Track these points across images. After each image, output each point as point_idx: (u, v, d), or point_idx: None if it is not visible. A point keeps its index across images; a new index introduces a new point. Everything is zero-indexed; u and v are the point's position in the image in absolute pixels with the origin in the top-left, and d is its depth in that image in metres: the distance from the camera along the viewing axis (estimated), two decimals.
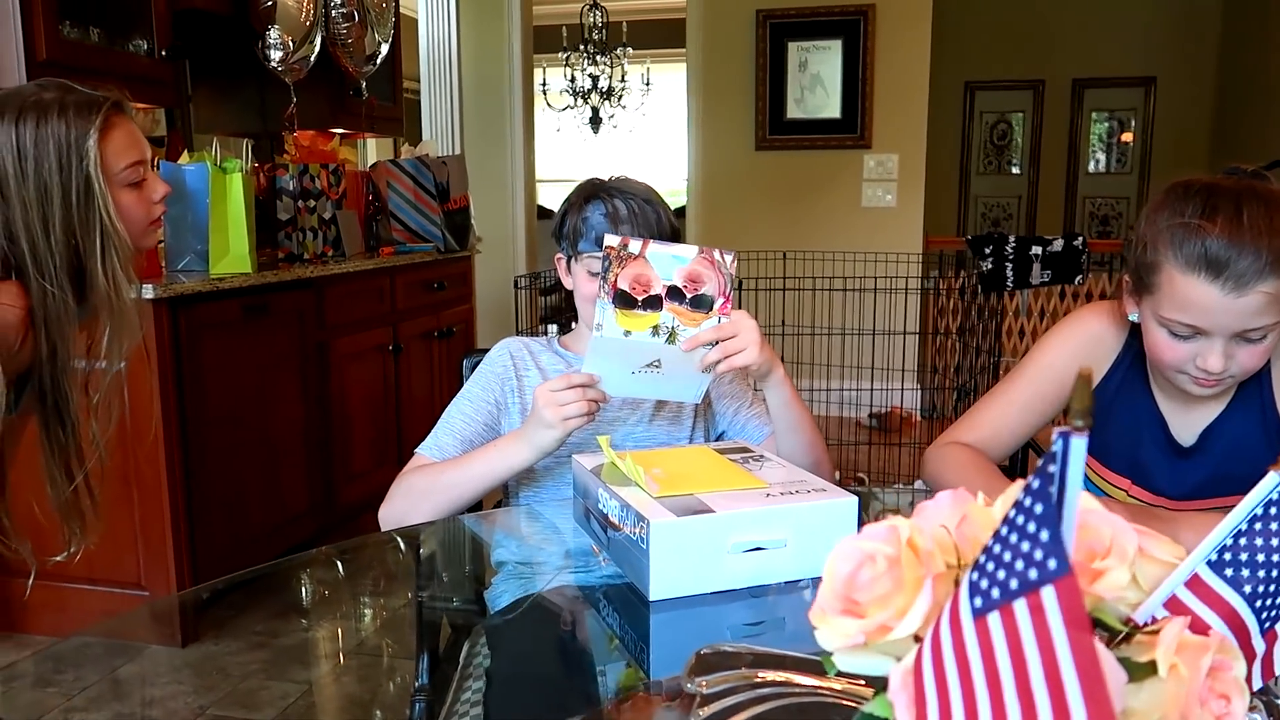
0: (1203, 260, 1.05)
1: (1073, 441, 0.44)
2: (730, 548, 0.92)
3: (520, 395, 1.41)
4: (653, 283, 1.17)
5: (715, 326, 1.18)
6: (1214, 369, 1.08)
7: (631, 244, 1.16)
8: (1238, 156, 3.96)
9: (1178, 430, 1.24)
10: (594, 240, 1.32)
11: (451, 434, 1.37)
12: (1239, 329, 1.07)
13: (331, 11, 3.08)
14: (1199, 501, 1.24)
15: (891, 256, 4.13)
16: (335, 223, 3.19)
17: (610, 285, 1.16)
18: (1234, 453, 1.21)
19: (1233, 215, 1.05)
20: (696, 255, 1.17)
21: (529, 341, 1.48)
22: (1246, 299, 1.04)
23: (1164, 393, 1.25)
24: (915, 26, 4.56)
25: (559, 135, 7.87)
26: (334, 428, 2.98)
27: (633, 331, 1.16)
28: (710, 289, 1.18)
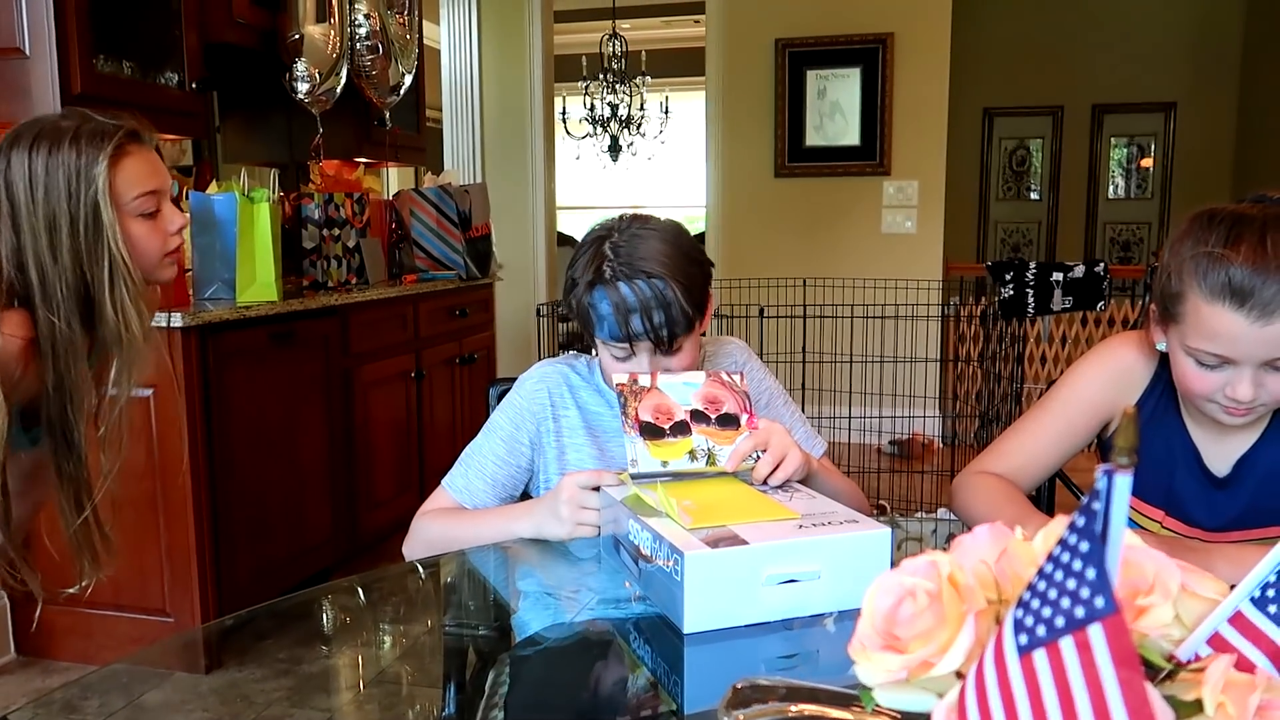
0: (1227, 289, 1.04)
1: (1117, 479, 0.44)
2: (764, 580, 0.92)
3: (558, 439, 1.36)
4: (674, 410, 1.16)
5: (749, 436, 1.16)
6: (1243, 398, 1.07)
7: (640, 379, 1.18)
8: (1261, 182, 3.95)
9: (1211, 460, 1.23)
10: (607, 331, 1.25)
11: (482, 476, 1.35)
12: (1267, 358, 1.06)
13: (357, 44, 3.14)
14: (1235, 533, 1.23)
15: (911, 283, 4.12)
16: (359, 251, 3.22)
17: (633, 419, 1.15)
18: (1270, 483, 1.19)
19: (1257, 243, 1.04)
20: (705, 380, 1.19)
21: (569, 372, 1.40)
22: (1273, 327, 1.03)
23: (1196, 422, 1.24)
24: (934, 54, 4.59)
25: (578, 163, 7.93)
26: (357, 455, 3.00)
27: (669, 461, 1.15)
28: (730, 407, 1.18)
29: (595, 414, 1.38)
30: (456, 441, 1.45)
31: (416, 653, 1.10)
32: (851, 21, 4.63)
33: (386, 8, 3.28)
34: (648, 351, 1.26)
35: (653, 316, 1.21)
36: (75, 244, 1.28)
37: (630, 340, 1.24)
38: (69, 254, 1.28)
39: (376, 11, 3.17)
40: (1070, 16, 6.59)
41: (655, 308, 1.21)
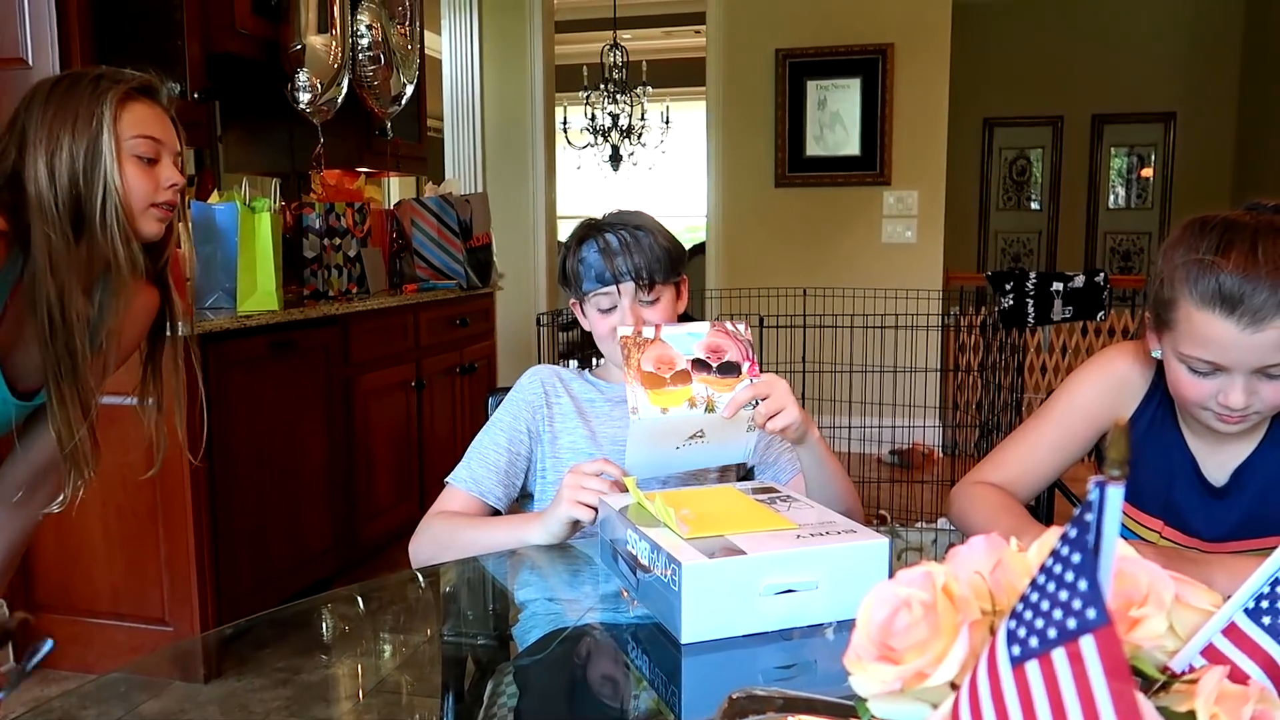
0: (1217, 296, 1.04)
1: (1109, 490, 0.45)
2: (762, 590, 0.92)
3: (551, 424, 1.42)
4: (676, 360, 1.19)
5: (749, 386, 1.20)
6: (1235, 405, 1.08)
7: (645, 330, 1.20)
8: (1261, 190, 3.94)
9: (1209, 469, 1.23)
10: (594, 278, 1.36)
11: (485, 464, 1.39)
12: (1258, 365, 1.06)
13: (359, 55, 3.15)
14: (1234, 543, 1.23)
15: (912, 293, 4.13)
16: (360, 260, 3.23)
17: (636, 369, 1.18)
18: (1268, 492, 1.19)
19: (1248, 250, 1.04)
20: (710, 329, 1.21)
21: (559, 369, 1.50)
22: (1264, 334, 1.03)
23: (1193, 431, 1.24)
24: (933, 64, 4.60)
25: (579, 173, 7.95)
26: (357, 464, 3.00)
27: (669, 408, 1.18)
28: (733, 356, 1.21)
29: (587, 400, 1.45)
30: (457, 451, 1.47)
31: (416, 662, 1.10)
32: (851, 32, 4.65)
33: (388, 18, 3.29)
34: (630, 296, 1.36)
35: (634, 257, 1.35)
36: (74, 164, 1.34)
37: (615, 282, 1.35)
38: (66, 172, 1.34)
39: (379, 22, 3.19)
40: (1069, 27, 6.61)
41: (636, 251, 1.36)
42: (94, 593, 2.43)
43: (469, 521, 1.34)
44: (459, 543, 1.29)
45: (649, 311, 1.37)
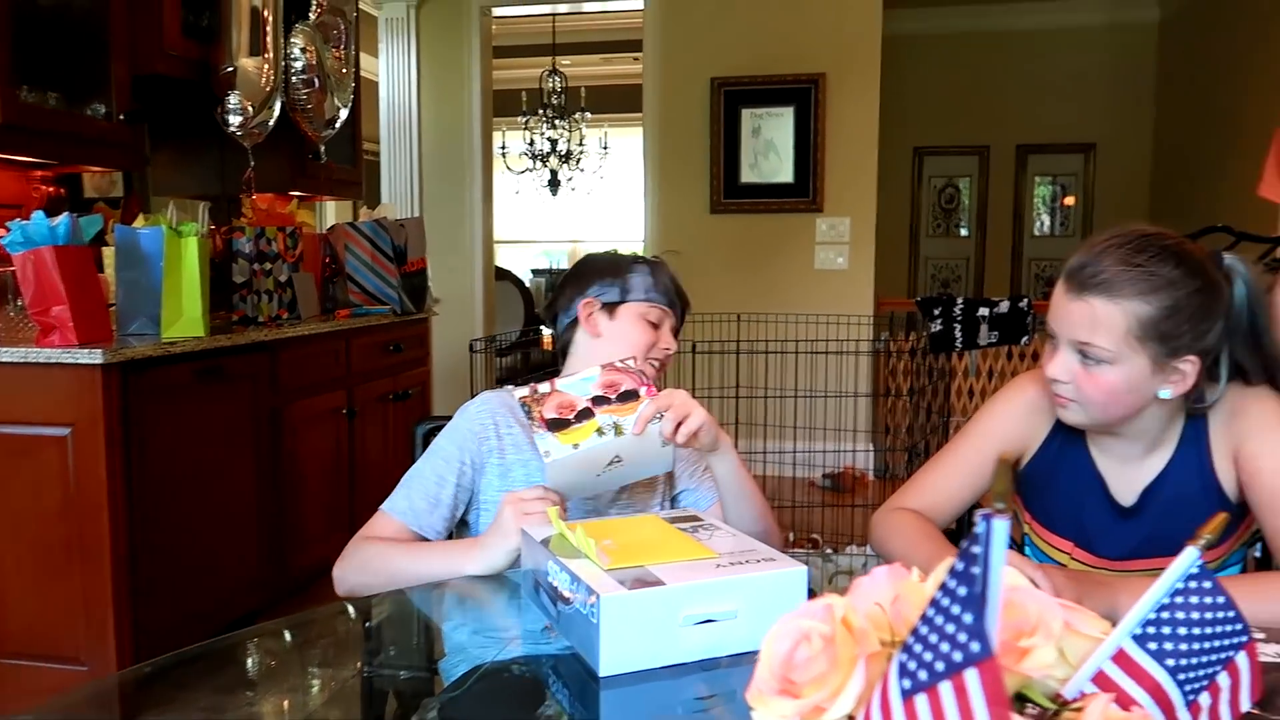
0: (1065, 270, 1.16)
1: (994, 523, 0.46)
2: (681, 620, 0.93)
3: (502, 455, 1.39)
4: (576, 402, 1.23)
5: (651, 399, 1.23)
6: (1049, 372, 1.17)
7: (540, 386, 1.24)
8: (1175, 220, 4.11)
9: (1117, 490, 1.28)
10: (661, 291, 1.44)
11: (423, 495, 1.35)
12: (1074, 337, 1.14)
13: (292, 78, 3.12)
14: (1139, 561, 1.26)
15: (844, 318, 4.20)
16: (291, 285, 3.18)
17: (539, 419, 1.21)
18: (1173, 513, 1.23)
19: (1107, 239, 1.14)
20: (600, 371, 1.26)
21: (508, 397, 1.45)
22: (1080, 304, 1.13)
23: (1102, 452, 1.28)
24: (864, 94, 4.71)
25: (518, 197, 7.95)
26: (286, 494, 2.94)
27: (580, 442, 1.20)
28: (629, 385, 1.24)
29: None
30: (389, 479, 1.44)
31: (344, 697, 1.08)
32: (785, 62, 4.74)
33: (323, 42, 3.27)
34: (671, 322, 1.47)
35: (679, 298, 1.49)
36: None
37: (670, 305, 1.46)
38: None
39: (313, 45, 3.16)
40: (994, 61, 6.83)
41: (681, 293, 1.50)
42: (3, 632, 2.33)
43: (402, 548, 1.30)
44: (390, 570, 1.26)
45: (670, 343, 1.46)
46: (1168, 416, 1.22)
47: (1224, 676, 0.60)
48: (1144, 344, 1.12)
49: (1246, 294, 1.17)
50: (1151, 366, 1.13)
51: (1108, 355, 1.12)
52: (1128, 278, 1.11)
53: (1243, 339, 1.18)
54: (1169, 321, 1.11)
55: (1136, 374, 1.13)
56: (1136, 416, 1.20)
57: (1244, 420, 1.19)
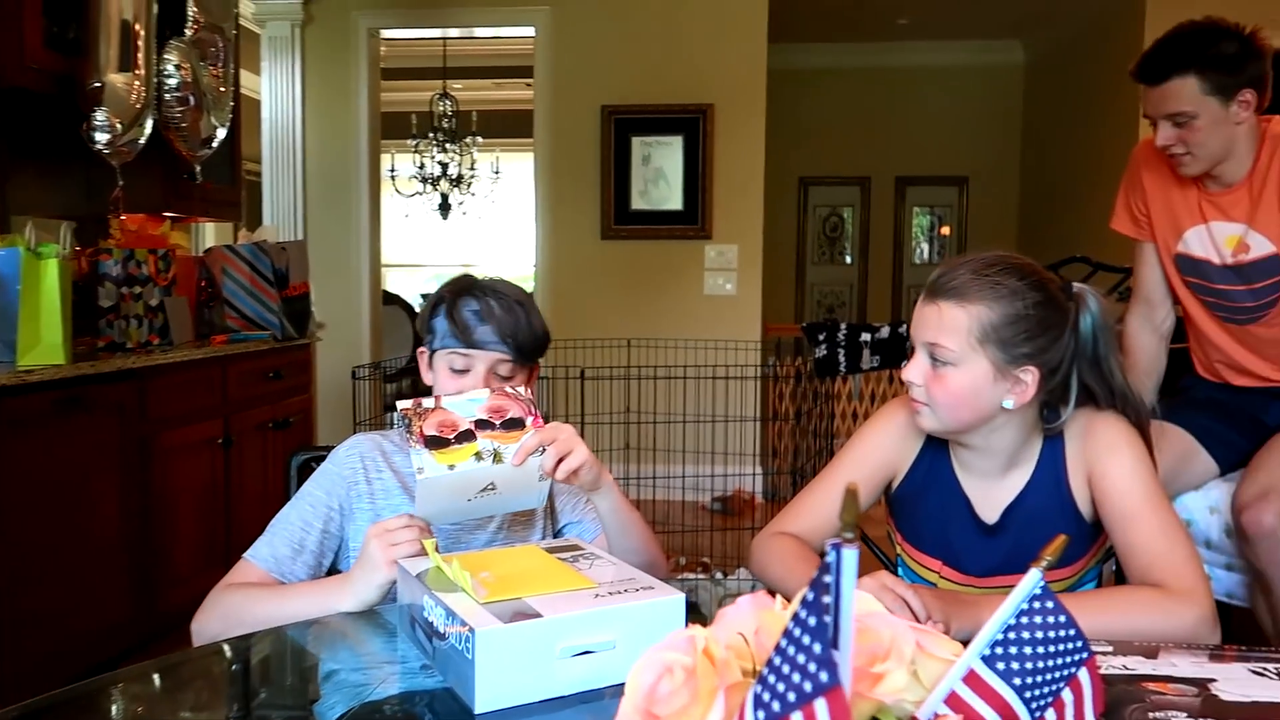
0: (927, 282, 1.25)
1: (844, 553, 0.47)
2: (559, 652, 0.92)
3: (372, 500, 1.35)
4: (459, 422, 1.18)
5: (536, 432, 1.19)
6: (904, 375, 1.24)
7: (425, 401, 1.19)
8: (1040, 250, 4.32)
9: (981, 508, 1.33)
10: (461, 336, 1.31)
11: (288, 542, 1.30)
12: (924, 339, 1.22)
13: (166, 95, 3.00)
14: (1003, 578, 1.32)
15: (732, 344, 4.27)
16: (163, 310, 3.05)
17: (418, 434, 1.16)
18: (1034, 529, 1.30)
19: (965, 257, 1.24)
20: (490, 393, 1.21)
21: (381, 440, 1.41)
22: (932, 307, 1.21)
23: (966, 471, 1.34)
24: (750, 125, 4.83)
25: (408, 221, 7.83)
26: (156, 528, 2.80)
27: (456, 464, 1.16)
28: (516, 413, 1.20)
29: (410, 474, 1.37)
30: (268, 511, 1.38)
31: None
32: (674, 92, 4.82)
33: (200, 59, 3.16)
34: (488, 365, 1.32)
35: (508, 330, 1.31)
36: None
37: (481, 347, 1.31)
38: None
39: (188, 62, 3.05)
40: (875, 95, 7.12)
41: (513, 325, 1.32)
42: None
43: (267, 591, 1.25)
44: (256, 616, 1.21)
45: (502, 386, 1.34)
46: (1022, 435, 1.28)
47: (1068, 692, 0.63)
48: (985, 347, 1.19)
49: (1093, 321, 1.25)
50: (993, 372, 1.20)
51: (953, 356, 1.20)
52: (975, 285, 1.20)
53: (1090, 364, 1.25)
54: (1009, 328, 1.19)
55: (980, 377, 1.20)
56: (987, 428, 1.26)
57: (1095, 443, 1.26)
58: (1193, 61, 1.73)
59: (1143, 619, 1.10)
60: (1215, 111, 1.74)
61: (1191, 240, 1.92)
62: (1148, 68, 1.78)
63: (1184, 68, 1.73)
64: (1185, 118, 1.76)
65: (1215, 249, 1.89)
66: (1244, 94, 1.74)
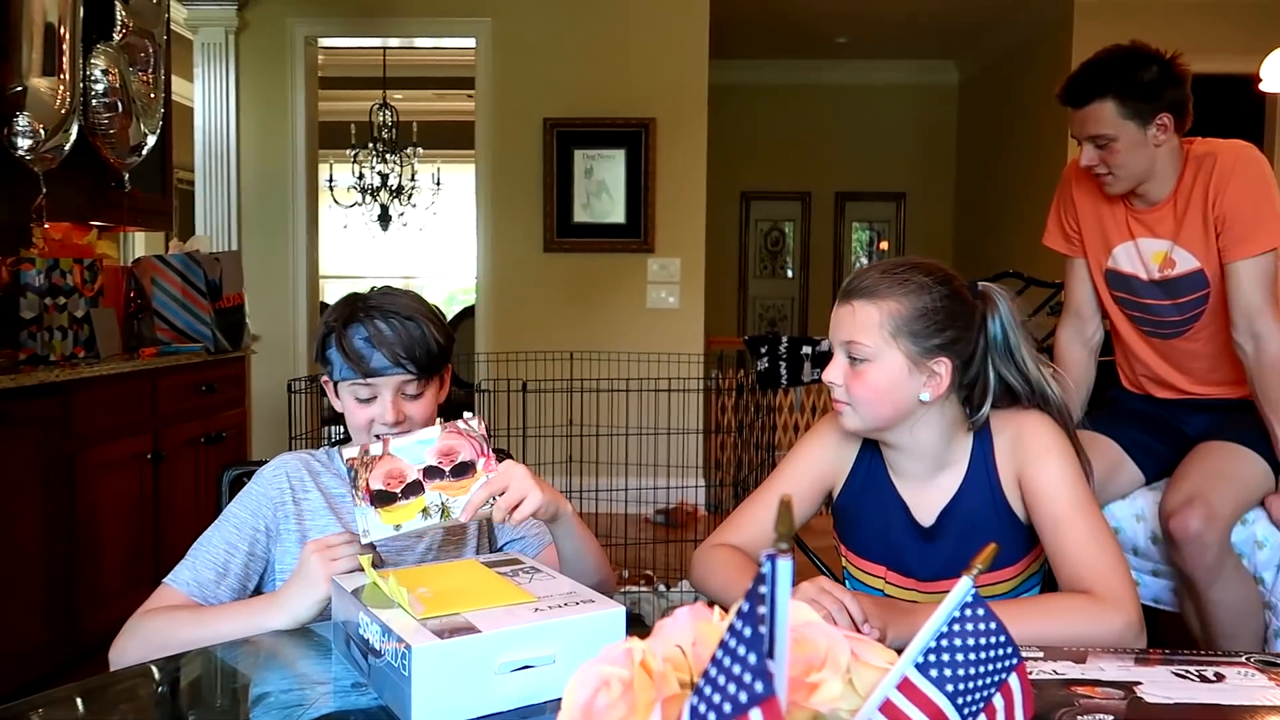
0: (841, 288, 1.32)
1: (779, 563, 0.48)
2: (498, 668, 0.91)
3: (299, 521, 1.32)
4: (406, 472, 1.15)
5: (484, 484, 1.16)
6: (825, 377, 1.29)
7: (373, 447, 1.16)
8: (975, 265, 4.42)
9: (918, 512, 1.35)
10: (357, 367, 1.27)
11: (211, 565, 1.26)
12: (841, 338, 1.27)
13: (93, 101, 2.92)
14: (948, 582, 1.34)
15: (675, 356, 4.29)
16: (89, 321, 2.96)
17: (364, 490, 1.13)
18: (970, 533, 1.32)
19: (877, 263, 1.31)
20: (441, 433, 1.17)
21: (309, 459, 1.38)
22: (847, 308, 1.27)
23: (900, 476, 1.36)
24: (692, 139, 4.87)
25: (347, 232, 7.72)
26: (81, 547, 2.70)
27: (403, 524, 1.13)
28: (467, 455, 1.17)
29: (338, 495, 1.35)
30: (200, 526, 1.34)
31: None
32: (616, 106, 4.84)
33: (129, 64, 3.08)
34: (392, 389, 1.28)
35: (404, 349, 1.26)
36: None
37: (380, 374, 1.26)
38: None
39: (116, 68, 2.97)
40: (815, 112, 7.24)
41: (408, 343, 1.27)
42: None
43: (190, 614, 1.21)
44: (180, 640, 1.17)
45: (411, 406, 1.30)
46: (945, 433, 1.31)
47: (999, 698, 0.64)
48: (898, 340, 1.24)
49: (1001, 317, 1.30)
50: (908, 364, 1.24)
51: (869, 351, 1.24)
52: (886, 283, 1.25)
53: (1003, 358, 1.30)
54: (919, 321, 1.24)
55: (896, 371, 1.24)
56: (908, 424, 1.29)
57: (1025, 448, 1.29)
58: (1110, 86, 1.80)
59: (1071, 625, 1.13)
60: (1133, 134, 1.81)
61: (1120, 256, 1.98)
62: (1070, 91, 1.85)
63: (1102, 92, 1.80)
64: (1105, 140, 1.82)
65: (1143, 265, 1.95)
66: (1161, 118, 1.81)
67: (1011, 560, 1.32)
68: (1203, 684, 0.96)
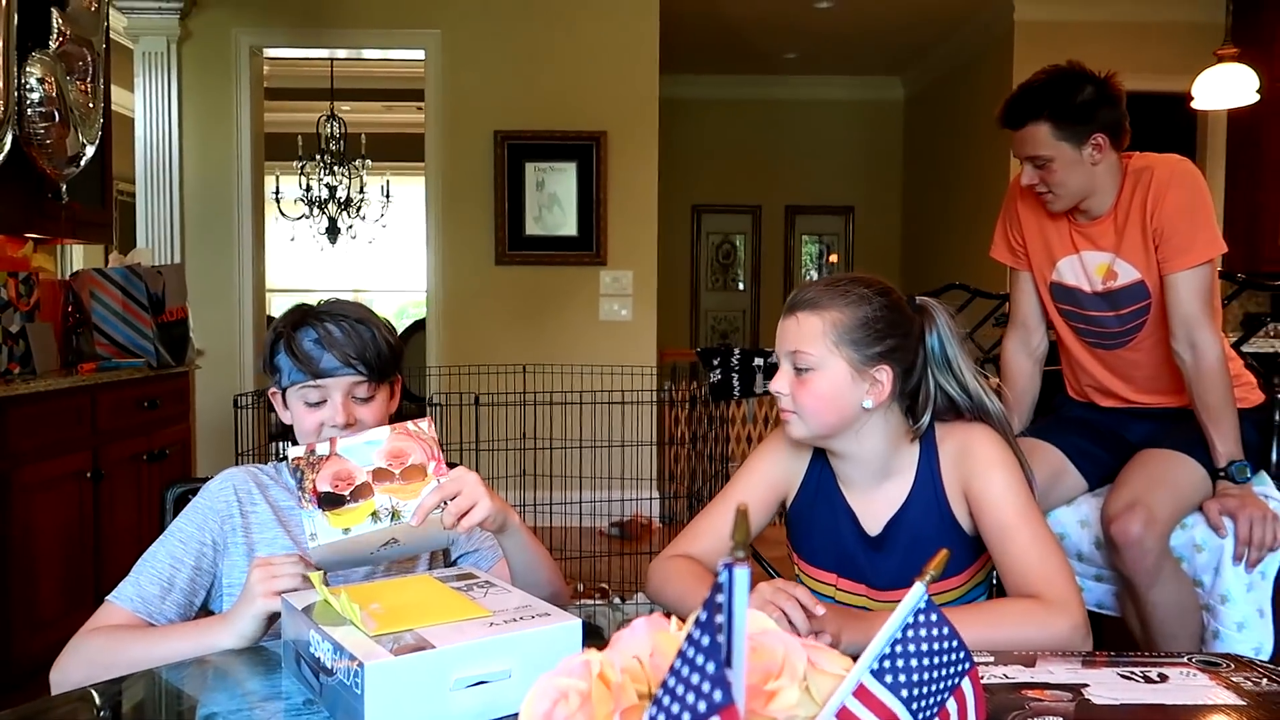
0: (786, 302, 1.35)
1: (736, 572, 0.48)
2: (452, 684, 0.90)
3: (247, 534, 1.29)
4: (355, 474, 1.13)
5: (436, 488, 1.15)
6: (771, 388, 1.33)
7: (319, 448, 1.13)
8: (922, 278, 4.50)
9: (865, 521, 1.38)
10: (307, 369, 1.26)
11: (156, 580, 1.23)
12: (787, 349, 1.31)
13: (28, 110, 2.84)
14: (897, 591, 1.36)
15: (628, 369, 4.29)
16: (24, 336, 2.88)
17: (310, 492, 1.11)
18: (915, 543, 1.34)
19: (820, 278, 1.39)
20: (389, 435, 1.16)
21: (257, 472, 1.36)
22: (791, 320, 1.31)
23: (847, 485, 1.39)
24: (643, 153, 4.89)
25: (294, 244, 7.61)
26: (13, 569, 2.62)
27: (352, 527, 1.11)
28: (417, 458, 1.15)
29: (287, 507, 1.33)
30: (143, 547, 1.31)
31: None
32: (567, 118, 4.84)
33: (66, 73, 3.01)
34: (343, 391, 1.27)
35: (355, 351, 1.26)
36: None
37: (330, 375, 1.26)
38: None
39: (53, 76, 2.90)
40: (764, 126, 7.32)
41: (359, 345, 1.27)
42: None
43: (136, 633, 1.18)
44: (124, 661, 1.13)
45: (362, 409, 1.29)
46: (888, 442, 1.34)
47: (952, 702, 0.65)
48: (841, 349, 1.28)
49: (939, 330, 1.34)
50: (851, 372, 1.28)
51: (813, 360, 1.28)
52: (828, 295, 1.30)
53: (942, 370, 1.34)
54: (861, 330, 1.28)
55: (839, 378, 1.28)
56: (852, 432, 1.32)
57: (970, 461, 1.31)
58: (1044, 109, 1.84)
59: (1020, 629, 1.15)
60: (1069, 155, 1.86)
61: (1064, 269, 2.03)
62: (1008, 113, 1.89)
63: (1036, 114, 1.84)
64: (1042, 160, 1.87)
65: (1086, 277, 2.00)
66: (1096, 138, 1.86)
67: (958, 570, 1.35)
68: (1147, 685, 0.98)
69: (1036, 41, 5.12)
